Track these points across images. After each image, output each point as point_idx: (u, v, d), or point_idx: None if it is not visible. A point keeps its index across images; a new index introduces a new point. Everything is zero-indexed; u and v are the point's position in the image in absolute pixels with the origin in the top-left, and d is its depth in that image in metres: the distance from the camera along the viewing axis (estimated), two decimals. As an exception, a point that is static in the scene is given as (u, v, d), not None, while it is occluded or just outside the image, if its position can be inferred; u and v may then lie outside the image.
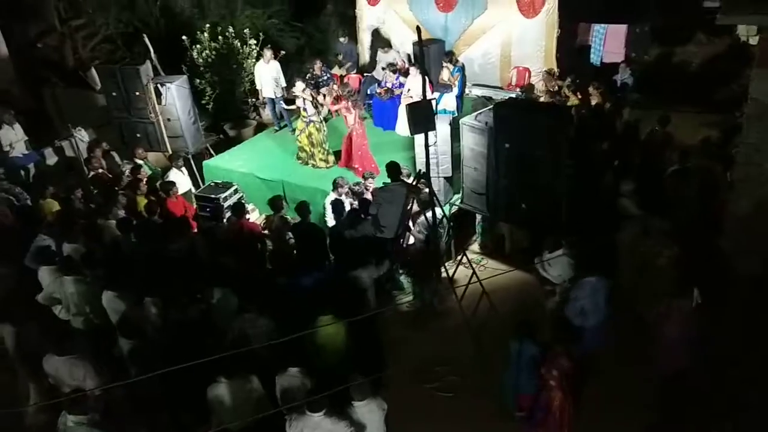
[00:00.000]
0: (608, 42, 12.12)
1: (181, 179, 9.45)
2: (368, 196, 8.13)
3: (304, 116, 9.77)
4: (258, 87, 11.56)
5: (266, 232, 8.27)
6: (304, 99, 9.68)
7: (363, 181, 8.39)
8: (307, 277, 6.42)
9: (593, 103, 9.91)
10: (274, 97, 11.17)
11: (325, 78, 11.51)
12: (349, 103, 9.49)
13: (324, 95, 10.06)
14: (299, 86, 9.69)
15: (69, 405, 4.77)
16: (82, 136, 10.79)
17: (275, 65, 11.31)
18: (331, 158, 9.96)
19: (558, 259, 6.46)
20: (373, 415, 4.83)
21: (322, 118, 9.88)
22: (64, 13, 13.37)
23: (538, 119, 7.04)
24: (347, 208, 7.74)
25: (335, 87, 10.03)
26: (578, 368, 5.29)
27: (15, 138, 10.28)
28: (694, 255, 6.39)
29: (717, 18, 6.62)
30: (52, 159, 10.65)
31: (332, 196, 8.04)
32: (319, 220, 8.36)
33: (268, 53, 11.30)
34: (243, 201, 9.02)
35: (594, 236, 6.71)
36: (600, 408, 5.69)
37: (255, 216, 9.36)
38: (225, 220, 8.20)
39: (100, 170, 9.32)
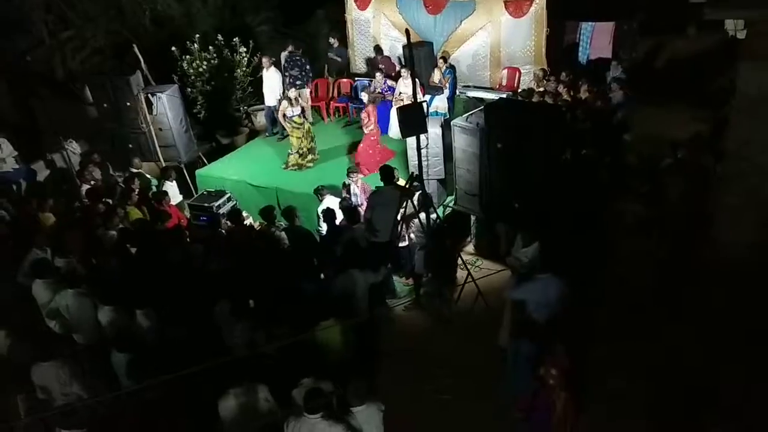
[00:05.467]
0: (595, 39, 12.15)
1: (172, 192, 9.44)
2: (357, 190, 8.24)
3: (298, 122, 9.86)
4: (265, 93, 11.58)
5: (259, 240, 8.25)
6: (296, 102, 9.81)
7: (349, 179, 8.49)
8: (304, 284, 6.41)
9: (584, 100, 9.94)
10: (274, 104, 11.18)
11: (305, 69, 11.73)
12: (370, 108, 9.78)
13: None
14: (293, 93, 9.83)
15: (61, 419, 4.74)
16: (74, 148, 10.76)
17: (274, 72, 11.31)
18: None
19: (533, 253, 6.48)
20: (372, 418, 4.82)
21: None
22: (52, 25, 13.34)
23: (530, 119, 7.06)
24: (339, 215, 7.74)
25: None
26: (579, 368, 5.29)
27: (3, 154, 10.23)
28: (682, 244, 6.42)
29: (704, 13, 6.66)
30: (44, 172, 10.60)
31: (323, 204, 8.02)
32: (314, 228, 8.38)
33: (265, 61, 11.30)
34: (238, 208, 9.00)
35: (568, 233, 6.73)
36: (603, 408, 5.69)
37: (249, 223, 9.34)
38: (223, 227, 8.17)
39: (93, 182, 9.29)
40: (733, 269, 6.60)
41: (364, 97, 10.12)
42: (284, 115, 10.02)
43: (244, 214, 9.00)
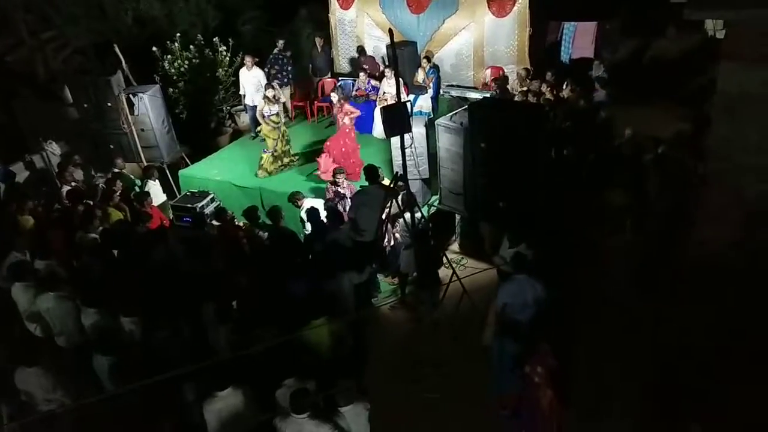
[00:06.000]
0: (578, 39, 12.27)
1: (155, 191, 9.35)
2: (344, 191, 8.23)
3: (275, 121, 9.78)
4: (242, 92, 11.52)
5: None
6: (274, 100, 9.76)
7: (332, 181, 8.42)
8: (289, 285, 6.38)
9: (566, 99, 10.02)
10: (256, 104, 11.11)
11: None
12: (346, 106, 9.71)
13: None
14: (270, 92, 9.74)
15: (42, 424, 4.68)
16: (54, 149, 10.62)
17: (257, 72, 11.26)
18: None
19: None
20: (359, 417, 4.82)
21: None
22: (33, 25, 13.15)
23: (513, 118, 7.09)
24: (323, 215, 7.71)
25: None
26: (564, 366, 5.33)
27: (-21, 155, 10.08)
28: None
29: (684, 13, 6.73)
30: (23, 174, 10.43)
31: (305, 206, 7.99)
32: (299, 230, 8.34)
33: (248, 60, 11.24)
34: (223, 207, 8.93)
35: (550, 231, 6.78)
36: (590, 406, 5.73)
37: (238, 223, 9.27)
38: (208, 228, 8.10)
39: (74, 183, 9.17)
40: (712, 267, 6.67)
41: (333, 97, 9.95)
42: (263, 115, 9.91)
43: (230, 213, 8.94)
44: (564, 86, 10.08)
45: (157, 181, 9.52)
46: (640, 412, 5.62)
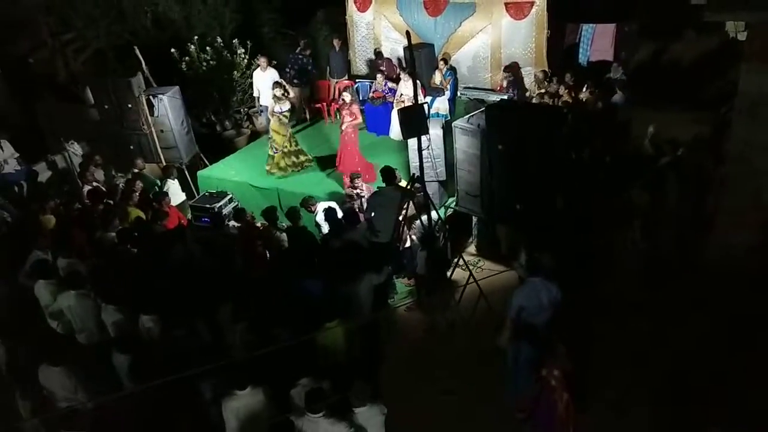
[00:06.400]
0: (596, 41, 12.18)
1: (174, 190, 9.46)
2: (363, 192, 8.26)
3: (287, 116, 9.79)
4: (255, 94, 11.60)
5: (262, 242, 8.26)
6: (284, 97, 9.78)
7: (351, 185, 8.43)
8: (306, 285, 6.41)
9: (585, 101, 9.97)
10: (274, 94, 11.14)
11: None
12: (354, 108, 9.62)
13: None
14: (278, 91, 9.79)
15: (65, 421, 4.75)
16: (75, 149, 10.78)
17: (272, 72, 11.34)
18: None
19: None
20: (374, 419, 4.84)
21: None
22: (54, 27, 13.38)
23: (531, 120, 7.06)
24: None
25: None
26: (581, 369, 5.30)
27: (3, 155, 10.25)
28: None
29: (705, 15, 6.68)
30: (45, 174, 10.61)
31: (320, 208, 8.02)
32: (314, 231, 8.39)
33: (263, 61, 11.33)
34: (242, 207, 9.00)
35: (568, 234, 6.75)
36: (606, 408, 5.70)
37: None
38: (230, 227, 8.17)
39: (95, 183, 9.31)
40: (730, 270, 6.61)
41: (345, 96, 9.84)
42: (273, 112, 9.87)
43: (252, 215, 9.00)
44: (583, 89, 10.02)
45: (176, 180, 9.64)
46: (657, 416, 5.58)
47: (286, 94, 9.88)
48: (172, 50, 11.69)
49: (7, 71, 12.58)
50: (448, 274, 7.63)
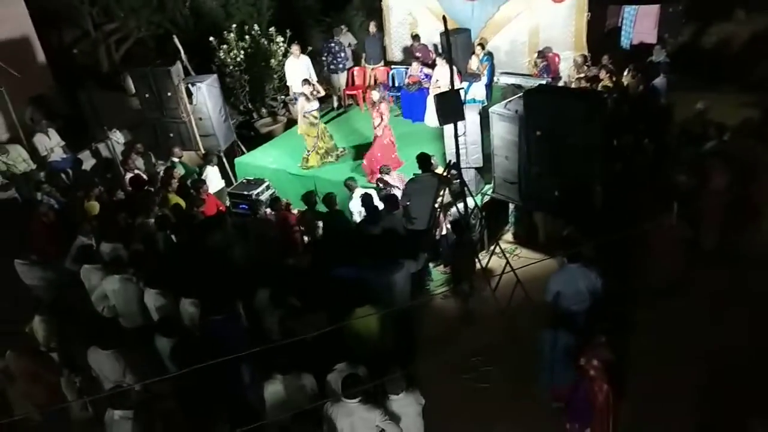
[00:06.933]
0: (639, 23, 11.81)
1: (214, 177, 9.60)
2: (395, 183, 8.22)
3: (315, 116, 9.78)
4: (289, 83, 11.66)
5: (300, 227, 8.33)
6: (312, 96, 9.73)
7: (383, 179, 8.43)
8: (343, 271, 6.44)
9: (626, 86, 9.71)
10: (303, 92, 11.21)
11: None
12: (382, 107, 9.49)
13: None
14: (307, 88, 9.75)
15: (112, 400, 4.89)
16: (118, 138, 11.04)
17: (305, 60, 11.37)
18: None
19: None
20: (409, 408, 4.85)
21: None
22: (97, 18, 13.67)
23: (570, 105, 6.92)
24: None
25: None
26: (622, 360, 5.21)
27: (51, 143, 10.56)
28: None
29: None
30: (89, 162, 10.90)
31: (356, 194, 8.04)
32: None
33: (296, 48, 11.37)
34: (278, 196, 9.09)
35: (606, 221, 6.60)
36: (646, 401, 5.60)
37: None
38: (266, 214, 8.27)
39: (136, 171, 9.52)
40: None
41: (374, 95, 9.61)
42: (302, 112, 9.84)
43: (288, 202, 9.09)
44: (626, 72, 9.75)
45: (216, 167, 9.77)
46: (697, 410, 5.45)
47: (315, 92, 9.87)
48: (211, 39, 11.81)
49: (52, 62, 12.91)
50: (482, 262, 7.56)
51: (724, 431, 5.14)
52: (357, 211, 8.01)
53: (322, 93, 10.50)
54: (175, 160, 9.61)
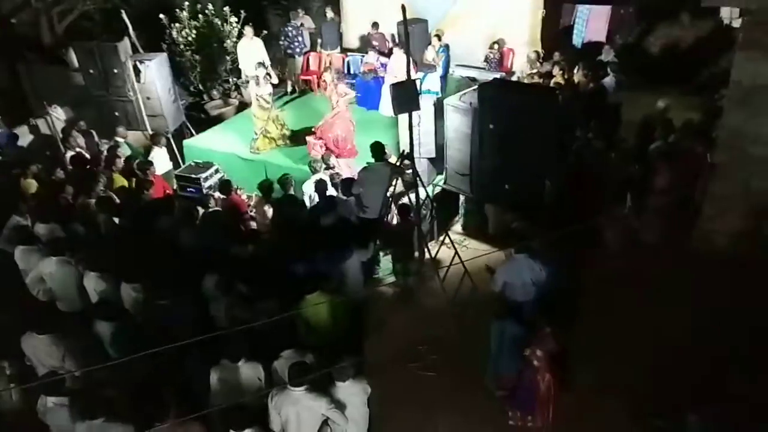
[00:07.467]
0: (591, 23, 12.12)
1: (162, 158, 9.31)
2: (340, 170, 8.27)
3: (267, 101, 9.65)
4: (241, 66, 11.40)
5: (253, 214, 8.19)
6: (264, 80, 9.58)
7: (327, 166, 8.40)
8: (295, 260, 6.37)
9: (577, 83, 9.92)
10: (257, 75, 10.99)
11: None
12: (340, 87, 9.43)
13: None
14: (261, 71, 9.61)
15: (47, 387, 4.70)
16: (58, 114, 10.56)
17: (258, 43, 11.15)
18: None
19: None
20: (356, 397, 4.83)
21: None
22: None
23: (523, 100, 7.01)
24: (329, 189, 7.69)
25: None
26: (565, 350, 5.33)
27: (-16, 117, 10.04)
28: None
29: (701, 0, 6.63)
30: (27, 138, 10.39)
31: (312, 179, 7.96)
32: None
33: (249, 30, 11.13)
34: (228, 179, 8.89)
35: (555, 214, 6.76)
36: (588, 391, 5.76)
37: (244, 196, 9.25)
38: (216, 199, 8.10)
39: (77, 149, 9.14)
40: (717, 257, 6.66)
41: (327, 77, 9.67)
42: (255, 95, 9.71)
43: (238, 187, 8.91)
44: (575, 70, 9.97)
45: (164, 148, 9.48)
46: (637, 400, 5.64)
47: (268, 76, 9.71)
48: (161, 16, 11.42)
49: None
50: (431, 252, 7.60)
51: (661, 421, 5.33)
52: (308, 193, 7.93)
53: (275, 80, 10.31)
54: (120, 140, 9.27)
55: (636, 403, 5.60)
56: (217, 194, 8.22)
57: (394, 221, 7.89)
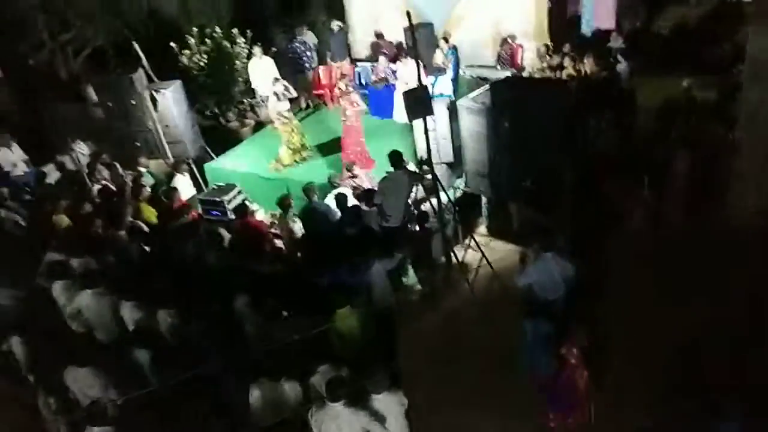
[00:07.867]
0: (597, 10, 12.00)
1: (185, 184, 9.46)
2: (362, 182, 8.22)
3: (287, 117, 9.76)
4: (254, 85, 11.54)
5: (276, 231, 8.28)
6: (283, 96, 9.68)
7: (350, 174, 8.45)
8: (323, 273, 6.44)
9: (589, 73, 9.86)
10: (268, 93, 11.12)
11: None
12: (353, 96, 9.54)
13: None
14: (279, 87, 9.73)
15: (90, 417, 4.81)
16: (82, 149, 10.78)
17: (268, 61, 11.29)
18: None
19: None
20: (392, 408, 4.84)
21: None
22: (52, 27, 13.34)
23: (536, 96, 7.01)
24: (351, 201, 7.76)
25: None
26: (599, 347, 5.29)
27: (14, 158, 10.28)
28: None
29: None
30: (54, 175, 10.64)
31: (332, 194, 8.05)
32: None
33: (258, 50, 11.27)
34: (247, 201, 9.02)
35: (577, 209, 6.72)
36: (622, 389, 5.71)
37: (261, 215, 9.37)
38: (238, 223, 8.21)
39: (103, 182, 9.34)
40: (749, 237, 6.55)
41: (341, 84, 9.78)
42: (276, 112, 9.85)
43: (255, 206, 9.02)
44: (584, 59, 9.90)
45: (187, 174, 9.63)
46: (672, 399, 5.56)
47: (287, 92, 9.83)
48: (172, 44, 11.63)
49: (9, 74, 12.56)
50: (457, 256, 7.61)
51: (699, 415, 5.25)
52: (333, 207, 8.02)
53: (294, 93, 10.45)
54: (142, 169, 9.46)
55: (672, 404, 5.51)
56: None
57: (416, 228, 7.93)
